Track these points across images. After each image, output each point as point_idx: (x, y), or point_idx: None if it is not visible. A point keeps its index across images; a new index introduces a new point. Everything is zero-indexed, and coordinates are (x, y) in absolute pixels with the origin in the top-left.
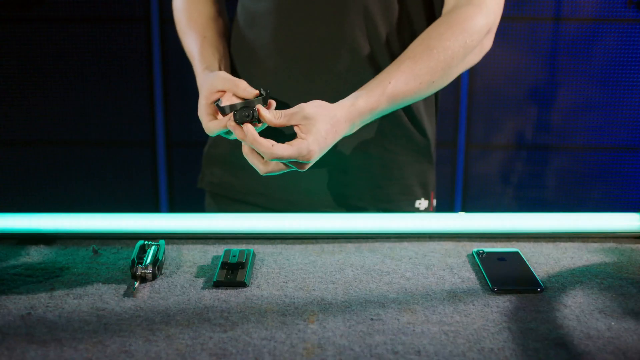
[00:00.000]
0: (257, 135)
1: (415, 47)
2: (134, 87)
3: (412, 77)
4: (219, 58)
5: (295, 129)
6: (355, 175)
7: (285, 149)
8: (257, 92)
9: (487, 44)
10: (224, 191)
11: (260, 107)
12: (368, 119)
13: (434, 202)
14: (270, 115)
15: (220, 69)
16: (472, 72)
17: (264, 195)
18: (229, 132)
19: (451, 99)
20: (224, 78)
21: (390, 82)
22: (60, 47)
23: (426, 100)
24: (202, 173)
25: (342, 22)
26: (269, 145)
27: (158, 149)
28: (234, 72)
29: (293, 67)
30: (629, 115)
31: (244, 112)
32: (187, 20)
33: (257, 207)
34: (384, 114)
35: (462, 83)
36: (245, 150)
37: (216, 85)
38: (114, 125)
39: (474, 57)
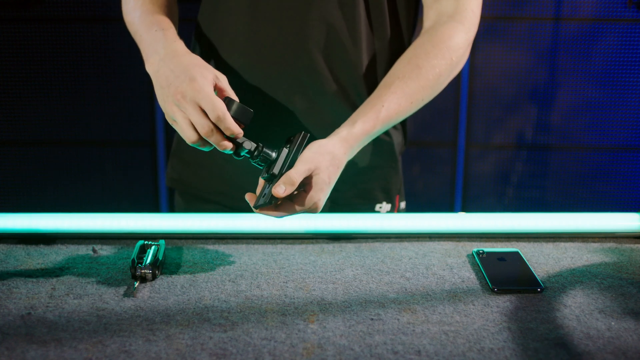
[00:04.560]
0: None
1: (403, 66)
2: (134, 87)
3: (404, 97)
4: (174, 26)
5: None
6: None
7: (292, 209)
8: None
9: (466, 55)
10: (186, 188)
11: (276, 190)
12: (364, 142)
13: (401, 205)
14: (290, 188)
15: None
16: (472, 72)
17: (223, 194)
18: (203, 144)
19: (451, 99)
20: (217, 74)
21: (383, 105)
22: (60, 47)
23: None
24: (167, 169)
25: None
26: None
27: (158, 149)
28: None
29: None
30: (629, 115)
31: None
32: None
33: (219, 205)
34: (377, 135)
35: (462, 83)
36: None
37: (216, 74)
38: (114, 125)
39: (457, 69)
